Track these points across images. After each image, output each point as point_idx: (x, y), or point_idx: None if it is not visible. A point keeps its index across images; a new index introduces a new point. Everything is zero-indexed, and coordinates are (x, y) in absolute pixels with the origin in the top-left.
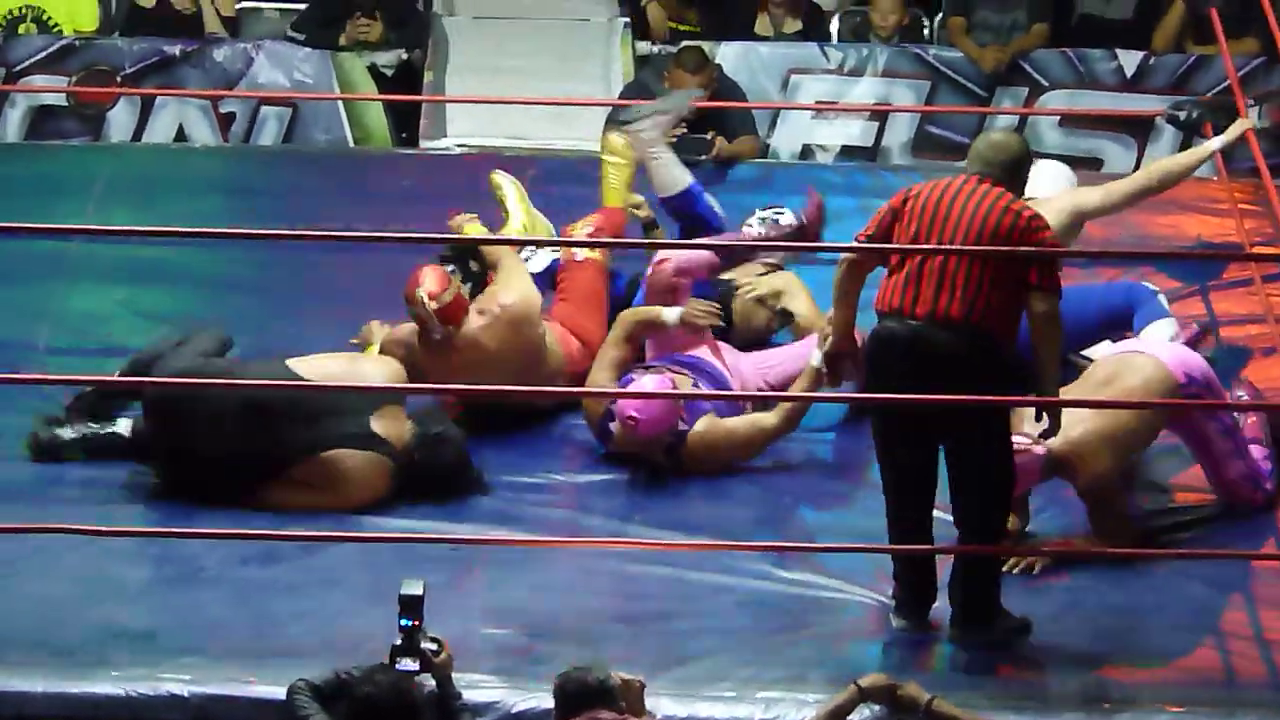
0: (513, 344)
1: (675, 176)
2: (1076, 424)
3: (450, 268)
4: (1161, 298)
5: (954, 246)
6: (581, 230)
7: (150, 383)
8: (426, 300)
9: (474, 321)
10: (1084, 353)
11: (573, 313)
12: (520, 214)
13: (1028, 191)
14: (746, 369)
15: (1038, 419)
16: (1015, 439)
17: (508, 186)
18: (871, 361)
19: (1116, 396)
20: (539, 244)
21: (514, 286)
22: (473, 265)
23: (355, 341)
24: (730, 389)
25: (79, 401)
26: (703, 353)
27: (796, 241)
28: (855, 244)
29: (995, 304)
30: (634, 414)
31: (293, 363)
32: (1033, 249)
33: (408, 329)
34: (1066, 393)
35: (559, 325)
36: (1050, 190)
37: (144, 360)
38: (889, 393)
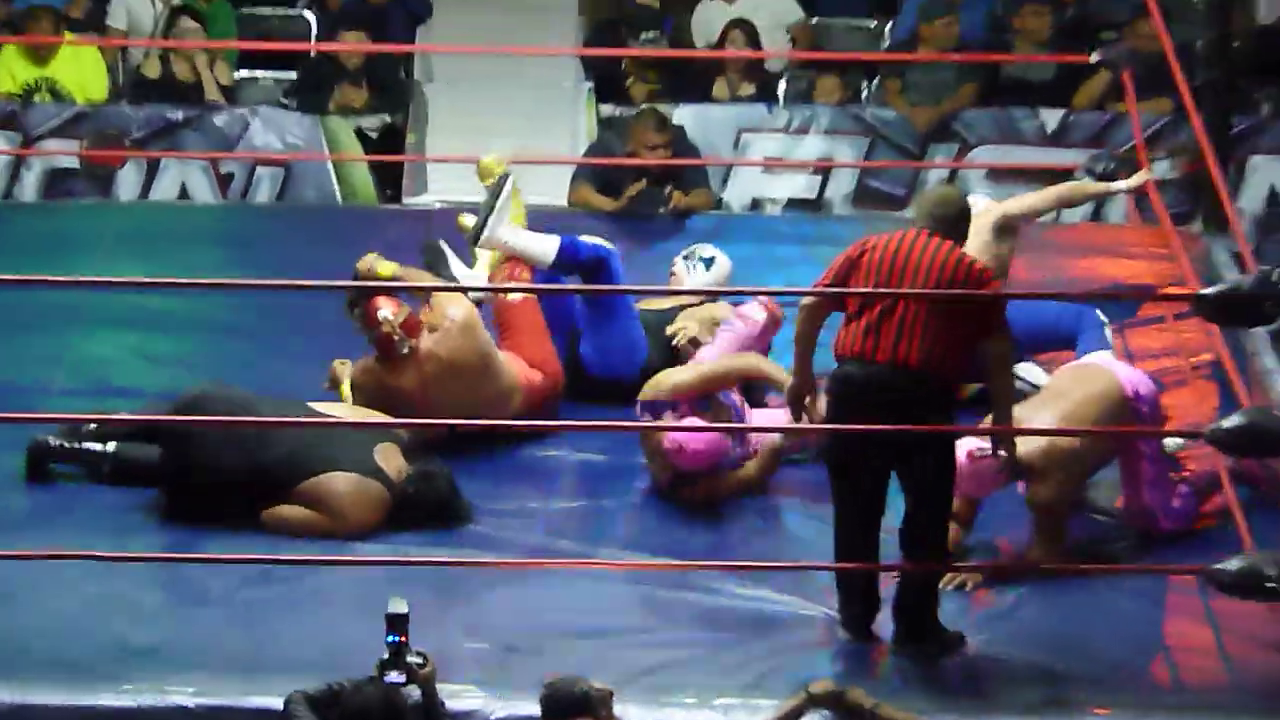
0: (468, 350)
1: (543, 244)
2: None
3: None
4: (1108, 331)
5: (913, 291)
6: (501, 274)
7: (147, 421)
8: (391, 318)
9: (429, 337)
10: (1019, 371)
11: (524, 345)
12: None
13: None
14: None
15: (994, 449)
16: (979, 446)
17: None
18: (836, 400)
19: (1075, 404)
20: (478, 289)
21: (456, 300)
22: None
23: (326, 386)
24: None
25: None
26: (737, 397)
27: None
28: (817, 290)
29: (949, 350)
30: (682, 445)
31: (311, 405)
32: (985, 293)
33: (370, 360)
34: (1030, 402)
35: (516, 357)
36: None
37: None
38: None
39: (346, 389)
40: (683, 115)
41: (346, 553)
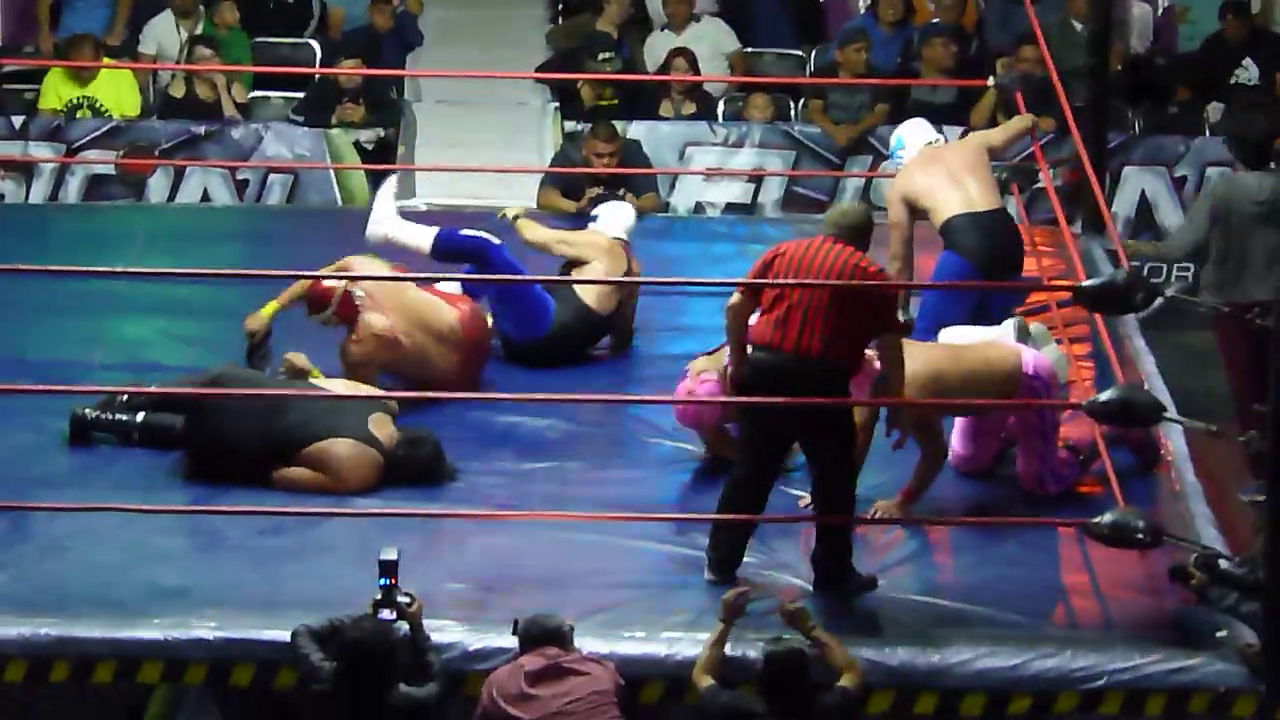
0: (405, 306)
1: (420, 233)
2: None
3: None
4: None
5: (815, 283)
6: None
7: (175, 393)
8: (348, 286)
9: (369, 313)
10: (941, 333)
11: (427, 291)
12: None
13: (912, 144)
14: None
15: (889, 428)
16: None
17: None
18: (750, 381)
19: (974, 361)
20: (444, 278)
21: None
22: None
23: (284, 371)
24: None
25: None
26: None
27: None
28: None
29: (846, 340)
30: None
31: (314, 380)
32: (879, 284)
33: (344, 340)
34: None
35: (430, 293)
36: (920, 137)
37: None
38: (760, 406)
39: (316, 371)
40: (636, 130)
41: (345, 507)
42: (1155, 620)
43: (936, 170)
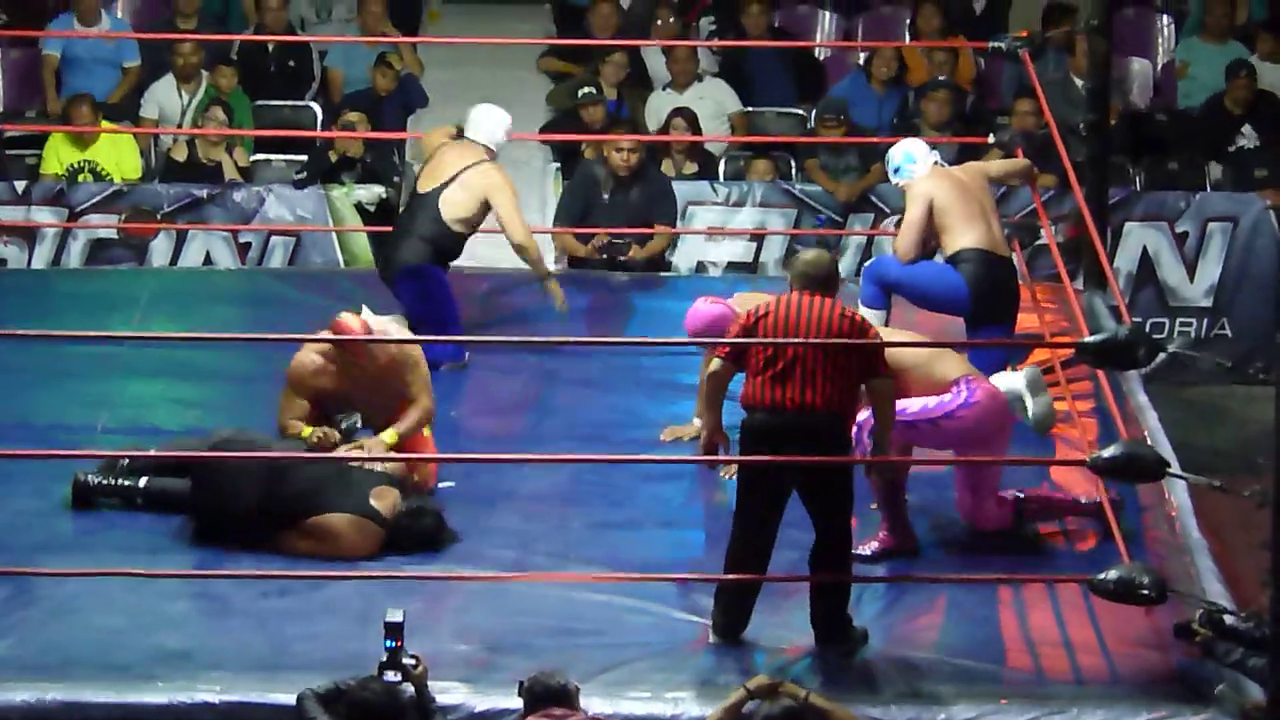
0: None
1: None
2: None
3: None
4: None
5: (809, 342)
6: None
7: (177, 456)
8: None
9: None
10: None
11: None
12: None
13: (922, 160)
14: None
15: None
16: None
17: None
18: (750, 443)
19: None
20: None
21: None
22: None
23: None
24: None
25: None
26: None
27: None
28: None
29: (844, 392)
30: None
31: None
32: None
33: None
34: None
35: None
36: (928, 154)
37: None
38: (765, 467)
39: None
40: None
41: (350, 569)
42: (1161, 675)
43: (968, 197)
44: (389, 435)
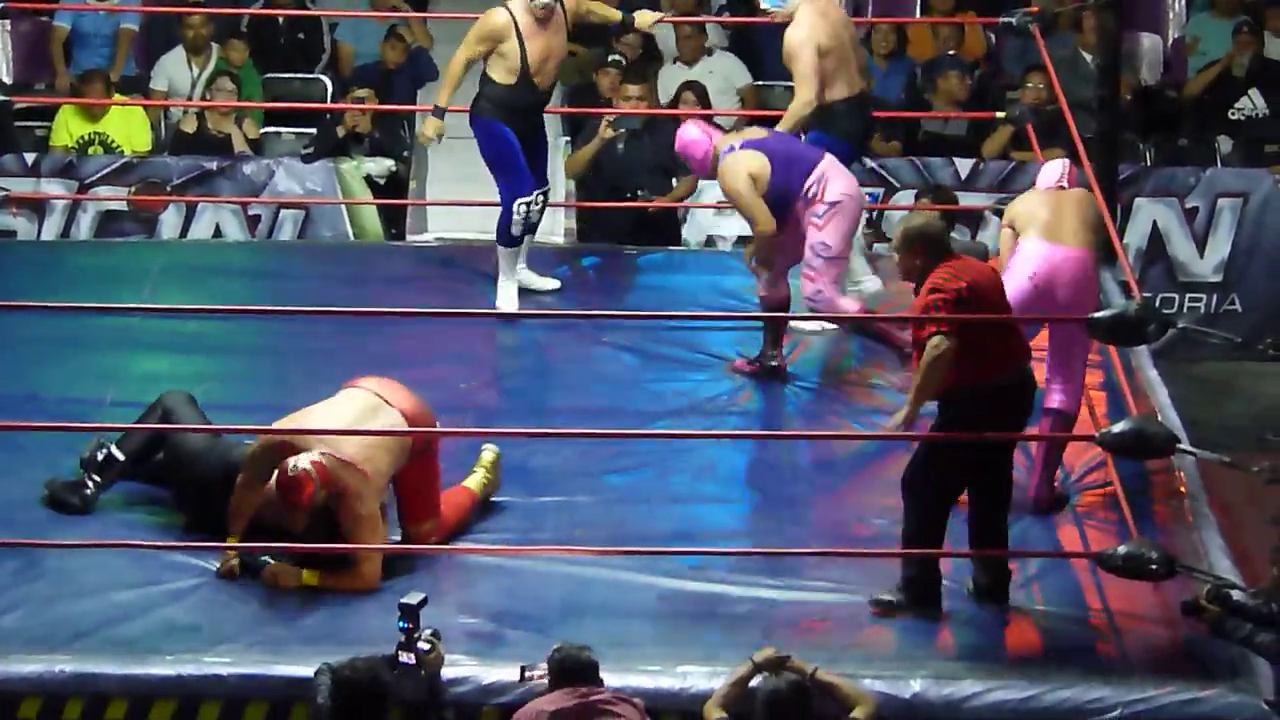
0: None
1: None
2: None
3: None
4: None
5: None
6: None
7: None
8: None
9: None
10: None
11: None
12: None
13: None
14: None
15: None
16: None
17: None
18: (971, 419)
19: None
20: None
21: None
22: None
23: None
24: None
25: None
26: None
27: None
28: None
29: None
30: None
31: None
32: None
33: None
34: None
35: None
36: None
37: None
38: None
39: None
40: None
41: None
42: (1169, 651)
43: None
44: (308, 574)
